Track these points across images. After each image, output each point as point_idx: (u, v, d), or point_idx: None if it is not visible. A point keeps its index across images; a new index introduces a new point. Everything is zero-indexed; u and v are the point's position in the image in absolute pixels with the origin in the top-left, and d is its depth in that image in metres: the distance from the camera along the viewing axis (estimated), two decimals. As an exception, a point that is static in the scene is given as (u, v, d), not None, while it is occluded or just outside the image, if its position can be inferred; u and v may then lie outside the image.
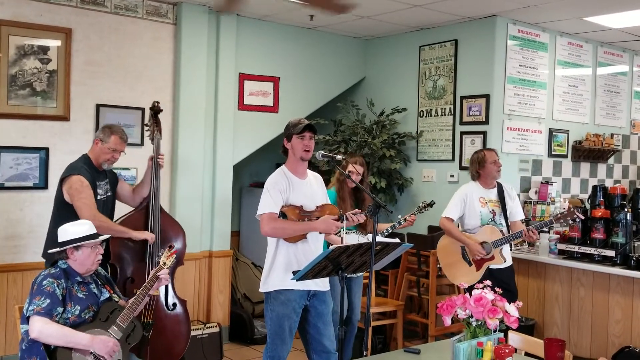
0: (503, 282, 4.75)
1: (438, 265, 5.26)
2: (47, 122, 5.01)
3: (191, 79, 5.67)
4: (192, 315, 5.71)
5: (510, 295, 4.17)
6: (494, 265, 4.77)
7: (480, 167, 4.87)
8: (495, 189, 4.90)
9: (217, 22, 5.85)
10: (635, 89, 7.33)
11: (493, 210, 4.84)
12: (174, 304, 4.31)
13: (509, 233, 4.81)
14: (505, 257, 4.78)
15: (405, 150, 6.52)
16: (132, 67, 5.44)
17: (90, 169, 4.08)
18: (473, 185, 4.96)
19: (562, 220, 4.59)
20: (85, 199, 3.91)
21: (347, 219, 3.75)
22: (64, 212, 3.97)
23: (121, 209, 4.46)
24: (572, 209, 4.55)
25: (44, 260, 4.07)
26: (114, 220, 4.26)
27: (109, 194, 4.25)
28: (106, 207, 4.18)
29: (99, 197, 4.09)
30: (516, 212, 4.92)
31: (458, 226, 5.03)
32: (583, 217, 4.74)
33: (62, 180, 4.01)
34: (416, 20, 6.04)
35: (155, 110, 4.55)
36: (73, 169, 4.03)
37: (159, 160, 4.42)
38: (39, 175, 4.97)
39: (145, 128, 4.62)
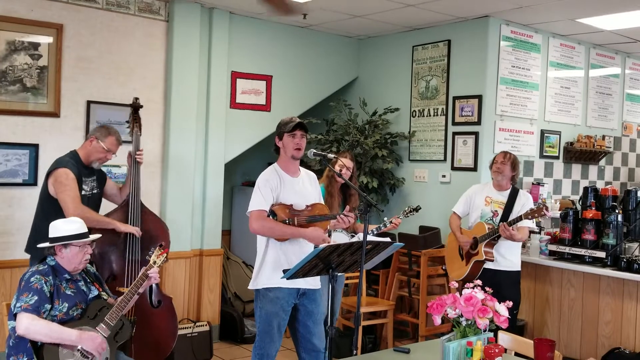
0: (492, 284, 4.74)
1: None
2: (37, 119, 4.97)
3: (183, 77, 5.64)
4: (182, 313, 5.69)
5: (500, 299, 4.12)
6: (488, 265, 4.77)
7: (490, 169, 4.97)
8: (509, 192, 4.85)
9: (209, 19, 5.83)
10: (627, 91, 7.35)
11: (496, 210, 4.84)
12: (159, 301, 4.26)
13: None
14: (495, 257, 4.75)
15: (397, 150, 6.52)
16: (124, 64, 5.41)
17: (77, 164, 4.03)
18: (484, 185, 5.05)
19: (530, 217, 4.54)
20: (70, 191, 3.87)
21: (338, 220, 3.75)
22: (49, 206, 3.93)
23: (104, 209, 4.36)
24: (541, 206, 4.52)
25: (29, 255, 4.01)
26: None
27: (95, 191, 4.19)
28: (90, 204, 4.10)
29: (83, 192, 4.03)
30: (523, 220, 4.77)
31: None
32: (549, 214, 4.64)
33: (49, 174, 3.98)
34: (409, 20, 6.04)
35: (135, 106, 4.52)
36: (59, 162, 4.00)
37: (137, 157, 4.35)
38: (28, 172, 4.93)
39: (126, 125, 4.55)
